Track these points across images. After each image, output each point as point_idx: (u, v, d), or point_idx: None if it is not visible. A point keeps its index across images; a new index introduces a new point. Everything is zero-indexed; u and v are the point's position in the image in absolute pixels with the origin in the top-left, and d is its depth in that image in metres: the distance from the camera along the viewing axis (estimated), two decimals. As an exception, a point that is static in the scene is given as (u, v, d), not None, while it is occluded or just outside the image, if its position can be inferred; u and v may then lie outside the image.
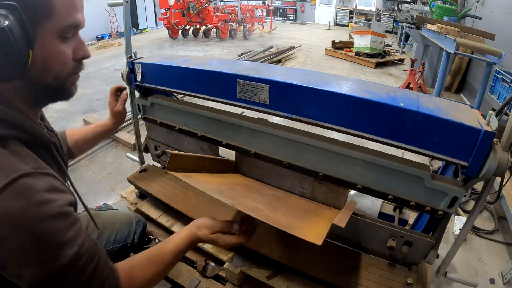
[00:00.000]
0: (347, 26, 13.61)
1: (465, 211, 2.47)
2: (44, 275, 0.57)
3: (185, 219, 1.40)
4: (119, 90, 1.27)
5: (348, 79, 0.96)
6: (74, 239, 0.59)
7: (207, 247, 1.26)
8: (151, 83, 1.31)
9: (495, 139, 0.72)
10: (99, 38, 10.03)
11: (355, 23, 13.24)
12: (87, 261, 0.62)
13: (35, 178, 0.56)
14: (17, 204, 0.53)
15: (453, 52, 3.40)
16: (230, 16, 9.75)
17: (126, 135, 3.20)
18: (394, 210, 1.44)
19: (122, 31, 10.37)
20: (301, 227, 0.83)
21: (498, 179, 0.90)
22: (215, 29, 9.86)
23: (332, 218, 0.80)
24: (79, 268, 0.60)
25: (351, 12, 14.27)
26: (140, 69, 1.30)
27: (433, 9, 5.25)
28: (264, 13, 12.47)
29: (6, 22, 0.51)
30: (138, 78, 1.33)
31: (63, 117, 3.78)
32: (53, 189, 0.58)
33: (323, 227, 0.82)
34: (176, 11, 9.10)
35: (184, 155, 1.02)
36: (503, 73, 3.41)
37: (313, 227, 0.86)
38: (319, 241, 0.69)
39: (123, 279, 0.70)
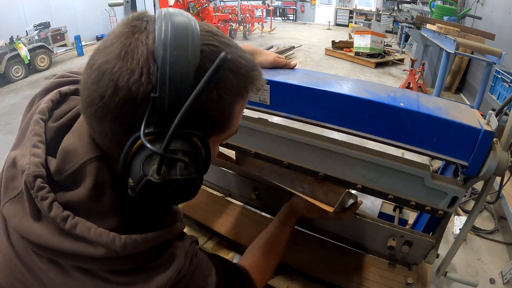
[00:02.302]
0: (347, 26, 13.61)
1: (465, 211, 2.47)
2: None
3: (186, 219, 1.40)
4: None
5: (348, 79, 0.96)
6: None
7: (207, 247, 1.26)
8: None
9: (495, 139, 0.72)
10: (99, 38, 10.03)
11: (355, 23, 13.24)
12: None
13: None
14: None
15: (453, 52, 3.40)
16: (230, 16, 9.76)
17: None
18: (394, 210, 1.44)
19: (122, 31, 10.44)
20: (310, 200, 0.90)
21: (498, 179, 0.90)
22: (215, 29, 9.85)
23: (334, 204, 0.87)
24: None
25: (351, 12, 14.27)
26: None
27: (433, 9, 5.26)
28: (264, 13, 12.48)
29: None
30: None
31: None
32: None
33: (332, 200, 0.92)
34: (176, 11, 9.10)
35: None
36: (503, 73, 3.41)
37: (320, 203, 0.91)
38: (330, 209, 0.77)
39: (255, 277, 0.76)
